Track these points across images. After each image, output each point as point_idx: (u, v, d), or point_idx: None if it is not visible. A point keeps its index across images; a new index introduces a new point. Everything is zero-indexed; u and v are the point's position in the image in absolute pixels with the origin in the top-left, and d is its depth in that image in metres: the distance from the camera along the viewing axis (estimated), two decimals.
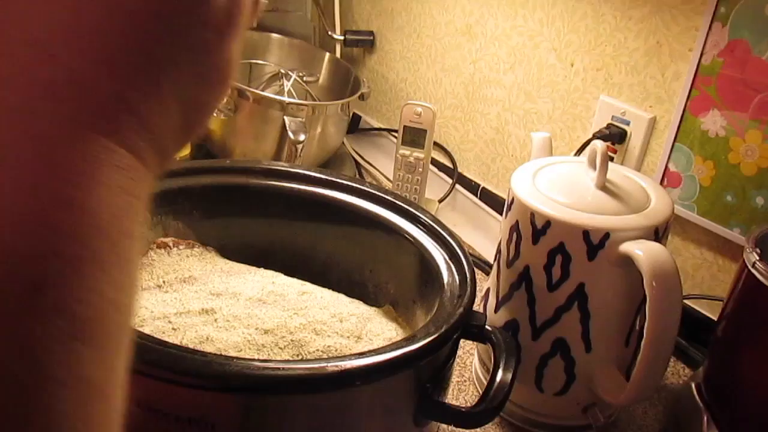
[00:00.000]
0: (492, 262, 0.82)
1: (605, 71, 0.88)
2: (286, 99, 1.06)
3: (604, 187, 0.64)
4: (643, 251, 0.56)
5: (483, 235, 1.10)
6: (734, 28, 0.71)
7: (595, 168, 0.64)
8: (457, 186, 1.16)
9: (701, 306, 0.84)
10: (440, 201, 1.14)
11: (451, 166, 1.18)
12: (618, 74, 0.86)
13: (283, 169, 0.75)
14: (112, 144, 0.21)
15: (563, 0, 0.91)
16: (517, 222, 0.64)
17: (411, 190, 1.06)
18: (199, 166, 0.74)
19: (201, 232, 0.73)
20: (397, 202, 0.70)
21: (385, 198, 0.71)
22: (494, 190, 1.10)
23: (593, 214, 0.60)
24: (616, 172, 0.67)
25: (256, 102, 1.04)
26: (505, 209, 0.68)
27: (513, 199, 0.65)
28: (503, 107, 1.05)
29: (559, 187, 0.65)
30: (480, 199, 1.12)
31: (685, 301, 0.83)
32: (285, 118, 1.03)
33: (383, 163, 1.28)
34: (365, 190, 0.72)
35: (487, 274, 0.99)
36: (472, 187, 1.14)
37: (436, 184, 1.18)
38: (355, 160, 1.30)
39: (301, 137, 1.03)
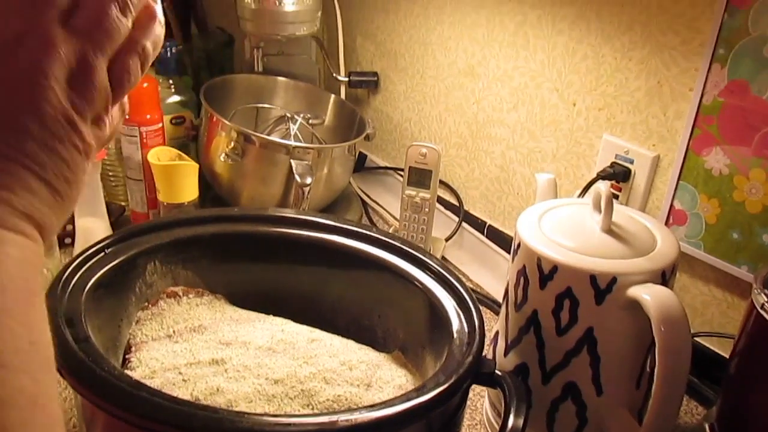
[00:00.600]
0: (501, 301, 0.82)
1: (607, 111, 0.89)
2: (292, 143, 1.07)
3: (609, 230, 0.64)
4: (650, 296, 0.56)
5: (490, 273, 1.10)
6: (733, 69, 0.72)
7: (600, 211, 0.65)
8: (464, 224, 1.16)
9: (712, 343, 0.83)
10: (447, 239, 1.15)
11: (457, 204, 1.19)
12: (620, 113, 0.87)
13: (290, 216, 0.75)
14: None
15: (563, 42, 0.92)
16: (524, 266, 0.64)
17: (418, 230, 1.06)
18: (208, 215, 0.75)
19: (210, 280, 0.74)
20: (405, 247, 0.70)
21: (392, 243, 0.71)
22: (501, 228, 1.11)
23: (600, 259, 0.60)
24: (621, 213, 0.68)
25: (262, 146, 1.05)
26: (511, 253, 0.68)
27: (519, 243, 0.65)
28: (507, 146, 1.06)
29: (564, 230, 0.65)
30: (487, 236, 1.12)
31: (696, 339, 0.82)
32: (291, 161, 1.04)
33: (390, 201, 1.29)
34: (373, 236, 0.72)
35: (496, 313, 0.99)
36: (478, 225, 1.14)
37: (442, 222, 1.19)
38: (362, 200, 1.31)
39: (308, 180, 1.04)
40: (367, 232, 0.73)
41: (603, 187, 0.64)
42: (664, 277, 0.61)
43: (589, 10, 0.88)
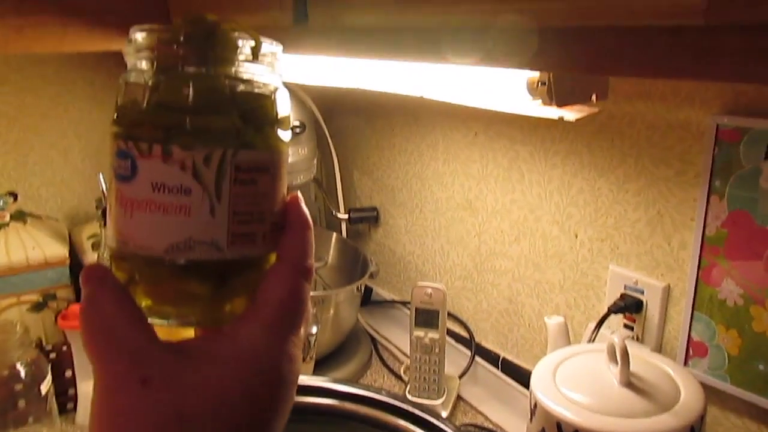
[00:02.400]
0: None
1: (610, 242, 0.88)
2: None
3: (628, 383, 0.61)
4: None
5: (509, 409, 1.05)
6: (732, 200, 0.71)
7: (616, 362, 0.63)
8: (477, 358, 1.13)
9: None
10: (461, 376, 1.11)
11: (468, 336, 1.16)
12: (624, 244, 0.86)
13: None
14: None
15: (558, 176, 0.93)
16: (543, 429, 0.61)
17: (430, 372, 1.03)
18: None
19: None
20: (416, 412, 0.68)
21: (403, 408, 0.68)
22: (515, 360, 1.08)
23: (622, 418, 0.57)
24: (638, 359, 0.65)
25: None
26: (529, 412, 0.65)
27: (536, 404, 0.62)
28: (513, 278, 1.05)
29: (581, 385, 0.62)
30: (501, 371, 1.09)
31: None
32: None
33: (399, 336, 1.26)
34: (384, 401, 0.70)
35: None
36: (491, 358, 1.11)
37: (454, 356, 1.15)
38: (371, 336, 1.29)
39: (313, 330, 1.01)
40: (378, 397, 0.70)
41: (617, 337, 0.62)
42: None
43: (580, 144, 0.89)
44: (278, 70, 0.37)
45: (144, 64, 0.35)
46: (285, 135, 0.37)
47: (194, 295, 0.35)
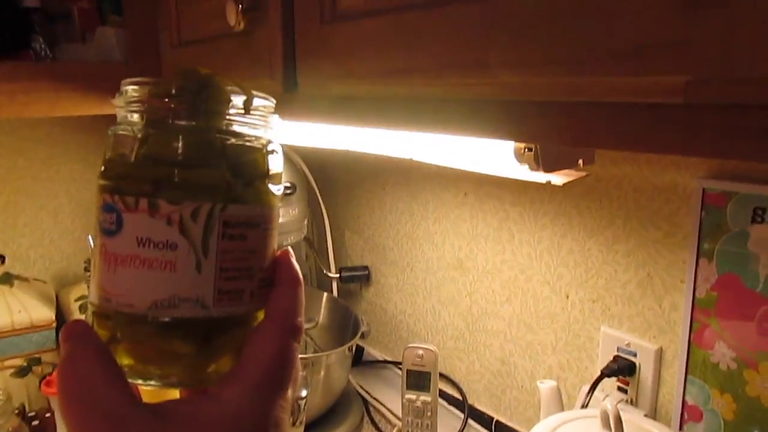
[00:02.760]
0: None
1: (602, 303, 0.87)
2: None
3: None
4: None
5: None
6: (721, 263, 0.72)
7: (609, 428, 0.61)
8: (470, 420, 1.11)
9: None
10: None
11: (460, 398, 1.14)
12: (615, 305, 0.86)
13: None
14: None
15: (548, 236, 0.93)
16: None
17: None
18: None
19: None
20: None
21: None
22: (509, 423, 1.06)
23: None
24: (631, 424, 0.64)
25: None
26: None
27: None
28: (505, 338, 1.04)
29: None
30: None
31: None
32: None
33: (391, 397, 1.24)
34: None
35: None
36: (485, 420, 1.09)
37: (447, 418, 1.13)
38: (362, 398, 1.26)
39: (303, 393, 1.00)
40: None
41: (610, 403, 0.61)
42: None
43: (568, 206, 0.89)
44: (271, 124, 0.37)
45: (134, 117, 0.35)
46: (277, 189, 0.37)
47: (177, 354, 0.34)
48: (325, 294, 1.30)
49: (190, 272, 0.33)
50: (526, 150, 0.64)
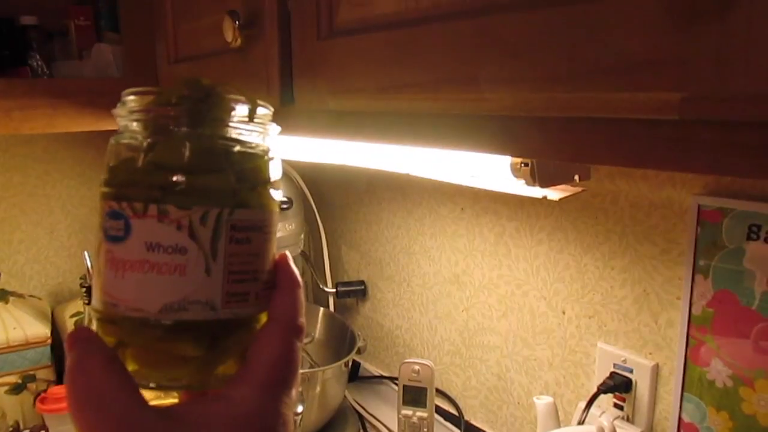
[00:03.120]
0: None
1: (598, 318, 0.87)
2: None
3: None
4: None
5: None
6: (717, 280, 0.72)
7: None
8: None
9: None
10: None
11: (456, 414, 1.14)
12: (611, 321, 0.86)
13: None
14: None
15: (544, 251, 0.93)
16: None
17: None
18: None
19: None
20: None
21: None
22: None
23: None
24: None
25: None
26: None
27: None
28: (502, 354, 1.04)
29: None
30: None
31: None
32: None
33: (387, 414, 1.24)
34: None
35: None
36: None
37: None
38: (358, 413, 1.26)
39: (299, 408, 0.99)
40: None
41: (605, 421, 0.61)
42: None
43: (564, 220, 0.89)
44: (270, 131, 0.38)
45: (136, 126, 0.35)
46: (277, 195, 0.38)
47: (186, 357, 0.34)
48: (322, 309, 1.30)
49: (200, 275, 0.34)
50: (523, 165, 0.64)
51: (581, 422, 0.80)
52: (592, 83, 0.37)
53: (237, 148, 0.36)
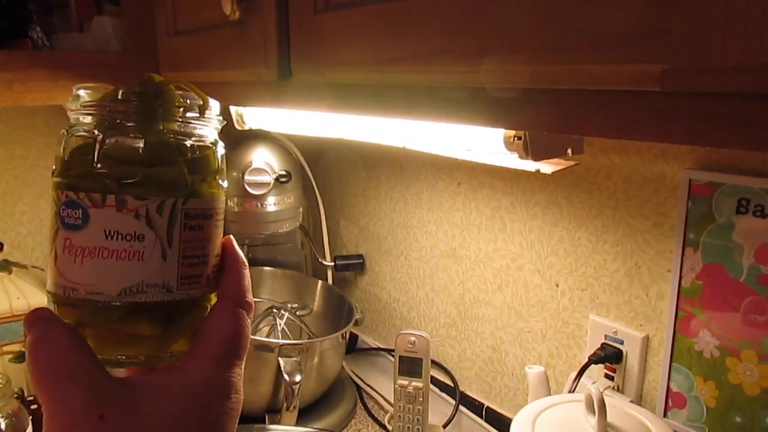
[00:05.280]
0: None
1: (590, 291, 0.89)
2: (279, 341, 1.06)
3: None
4: None
5: None
6: (706, 253, 0.73)
7: (594, 412, 0.63)
8: (461, 407, 1.13)
9: None
10: (445, 426, 1.10)
11: (452, 385, 1.16)
12: (603, 294, 0.87)
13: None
14: None
15: (539, 225, 0.94)
16: None
17: (413, 420, 1.03)
18: None
19: None
20: None
21: None
22: (499, 410, 1.07)
23: None
24: (616, 410, 0.66)
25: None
26: None
27: None
28: (496, 326, 1.06)
29: None
30: (485, 420, 1.08)
31: None
32: (279, 359, 1.03)
33: (384, 384, 1.26)
34: None
35: None
36: (475, 407, 1.11)
37: (438, 405, 1.15)
38: (356, 384, 1.28)
39: (297, 378, 1.01)
40: None
41: (594, 389, 0.62)
42: None
43: (559, 195, 0.91)
44: (216, 124, 0.41)
45: (91, 120, 0.37)
46: (224, 183, 0.41)
47: (143, 336, 0.37)
48: (320, 282, 1.32)
49: (157, 260, 0.37)
50: (516, 138, 0.65)
51: (571, 391, 0.82)
52: (578, 56, 0.38)
53: (188, 141, 0.38)
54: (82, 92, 0.38)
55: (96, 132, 0.37)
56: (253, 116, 1.05)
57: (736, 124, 0.34)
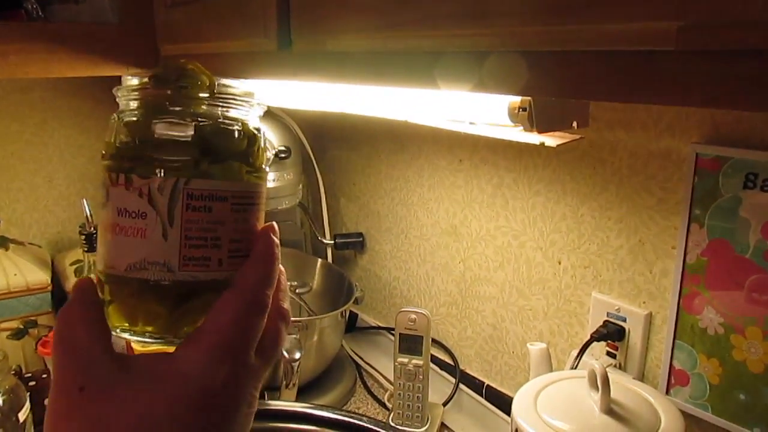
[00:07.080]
0: None
1: (593, 268, 0.88)
2: None
3: (609, 409, 0.61)
4: None
5: None
6: (712, 229, 0.72)
7: (597, 388, 0.62)
8: (461, 385, 1.12)
9: None
10: (445, 404, 1.10)
11: (452, 363, 1.15)
12: (606, 271, 0.86)
13: (273, 408, 0.72)
14: None
15: (541, 202, 0.93)
16: None
17: (413, 398, 1.02)
18: None
19: None
20: None
21: None
22: (499, 388, 1.07)
23: None
24: (619, 386, 0.65)
25: None
26: None
27: (517, 430, 0.62)
28: (497, 304, 1.05)
29: (563, 412, 0.62)
30: (485, 398, 1.08)
31: None
32: None
33: (384, 363, 1.25)
34: (366, 428, 0.69)
35: None
36: (476, 385, 1.10)
37: (439, 383, 1.14)
38: (356, 362, 1.28)
39: (297, 355, 1.01)
40: (357, 422, 0.69)
41: (596, 365, 0.62)
42: None
43: (562, 172, 0.89)
44: (251, 109, 0.41)
45: (131, 105, 0.40)
46: (254, 168, 0.40)
47: (153, 313, 0.38)
48: (320, 260, 1.31)
49: (158, 239, 0.37)
50: (521, 110, 0.63)
51: (573, 368, 0.81)
52: (586, 14, 0.36)
53: (205, 122, 0.38)
54: (127, 79, 0.40)
55: (115, 115, 0.39)
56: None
57: (756, 85, 0.33)
